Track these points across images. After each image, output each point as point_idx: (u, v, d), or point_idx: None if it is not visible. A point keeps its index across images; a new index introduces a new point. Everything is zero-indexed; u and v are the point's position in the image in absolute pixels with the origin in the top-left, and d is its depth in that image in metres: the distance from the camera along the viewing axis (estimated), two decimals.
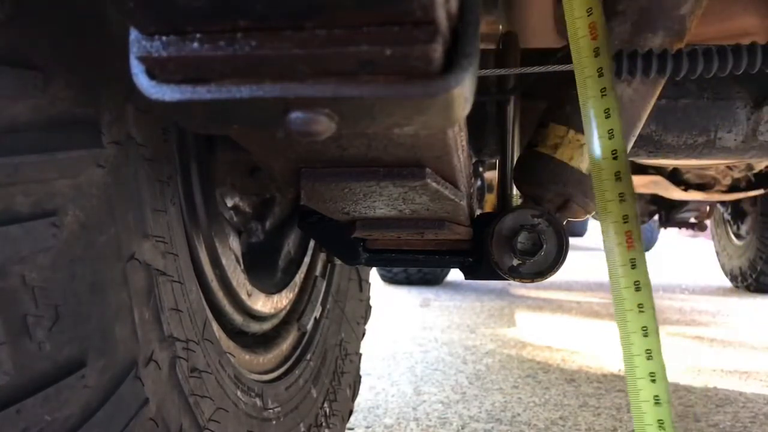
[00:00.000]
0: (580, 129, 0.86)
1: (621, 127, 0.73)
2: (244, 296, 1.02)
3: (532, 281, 0.86)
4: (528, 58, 1.06)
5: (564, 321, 3.62)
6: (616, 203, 0.72)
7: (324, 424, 1.21)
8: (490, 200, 2.80)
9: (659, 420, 0.69)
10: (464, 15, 0.37)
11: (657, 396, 0.70)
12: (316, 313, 1.31)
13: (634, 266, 0.72)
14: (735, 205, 4.58)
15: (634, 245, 0.72)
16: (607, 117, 0.73)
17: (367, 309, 1.60)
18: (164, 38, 0.36)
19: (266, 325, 1.14)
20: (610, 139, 0.72)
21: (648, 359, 0.70)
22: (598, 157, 0.73)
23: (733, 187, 2.99)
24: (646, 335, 0.70)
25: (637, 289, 0.72)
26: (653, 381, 0.70)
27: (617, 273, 0.73)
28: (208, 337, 0.80)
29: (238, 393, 0.87)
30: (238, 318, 1.00)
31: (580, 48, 0.75)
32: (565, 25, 0.76)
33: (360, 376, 1.51)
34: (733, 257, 4.88)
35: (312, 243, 1.34)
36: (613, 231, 0.73)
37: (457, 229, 0.86)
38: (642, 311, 0.71)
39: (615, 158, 0.72)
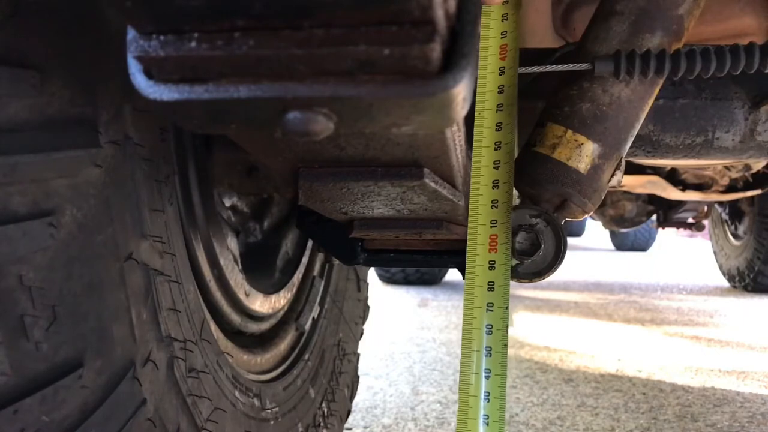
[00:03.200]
0: (578, 129, 0.86)
1: (511, 141, 0.77)
2: (242, 296, 1.02)
3: (530, 281, 0.86)
4: (526, 57, 1.06)
5: (562, 321, 3.62)
6: (488, 208, 0.77)
7: (322, 424, 1.21)
8: None
9: (485, 415, 0.72)
10: (462, 15, 0.37)
11: (488, 393, 0.73)
12: (314, 313, 1.31)
13: (492, 268, 0.75)
14: (733, 205, 4.58)
15: (497, 249, 0.75)
16: (498, 130, 0.77)
17: (365, 309, 1.60)
18: (162, 38, 0.35)
19: (264, 325, 1.14)
20: (496, 150, 0.77)
21: (487, 356, 0.74)
22: (480, 164, 0.77)
23: (731, 188, 3.00)
24: (489, 333, 0.74)
25: (490, 289, 0.75)
26: (487, 378, 0.73)
27: (474, 271, 0.76)
28: (206, 337, 0.80)
29: (236, 393, 0.87)
30: (236, 318, 1.00)
31: (488, 63, 0.79)
32: (564, 25, 0.77)
33: (358, 376, 1.51)
34: (730, 257, 4.89)
35: (310, 243, 1.34)
36: (479, 232, 0.77)
37: (456, 229, 0.86)
38: (490, 310, 0.74)
39: (496, 168, 0.77)
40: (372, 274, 4.93)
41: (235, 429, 0.84)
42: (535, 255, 0.85)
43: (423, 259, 1.00)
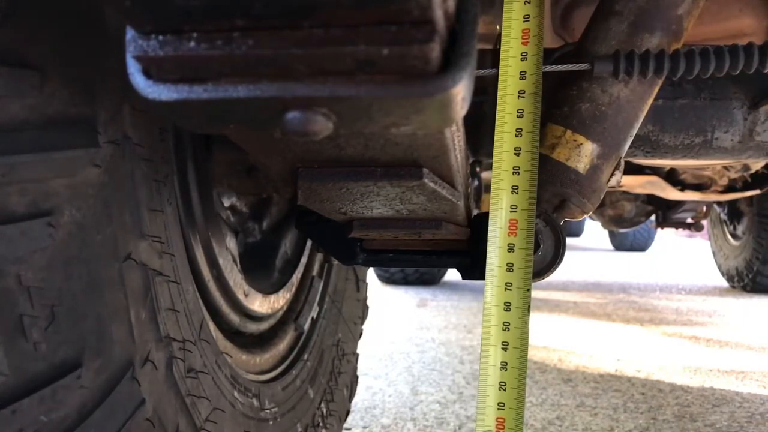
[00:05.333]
0: (577, 129, 0.86)
1: (534, 130, 0.78)
2: (240, 296, 1.02)
3: None
4: None
5: (561, 321, 3.62)
6: (508, 193, 0.78)
7: (321, 424, 1.21)
8: (487, 200, 2.80)
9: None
10: (461, 15, 0.37)
11: (504, 370, 0.76)
12: (313, 314, 1.31)
13: (511, 250, 0.78)
14: (731, 205, 4.59)
15: (517, 233, 0.78)
16: (519, 117, 0.78)
17: (365, 309, 1.60)
18: (161, 37, 0.35)
19: (263, 326, 1.14)
20: (516, 136, 0.78)
21: (504, 330, 0.77)
22: (501, 150, 0.79)
23: (730, 188, 3.00)
24: (507, 310, 0.77)
25: (509, 269, 0.77)
26: (504, 349, 0.76)
27: (494, 252, 0.78)
28: (205, 338, 0.80)
29: (235, 393, 0.87)
30: (234, 318, 1.00)
31: (510, 47, 0.79)
32: (563, 25, 0.77)
33: (357, 377, 1.50)
34: (729, 257, 4.89)
35: (309, 243, 1.34)
36: (500, 216, 0.79)
37: (455, 229, 0.86)
38: (509, 289, 0.77)
39: (517, 154, 0.78)
40: (371, 274, 4.93)
41: (234, 429, 0.84)
42: (535, 255, 0.85)
43: (422, 260, 1.00)
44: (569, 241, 10.25)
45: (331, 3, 0.32)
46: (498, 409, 0.74)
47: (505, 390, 0.74)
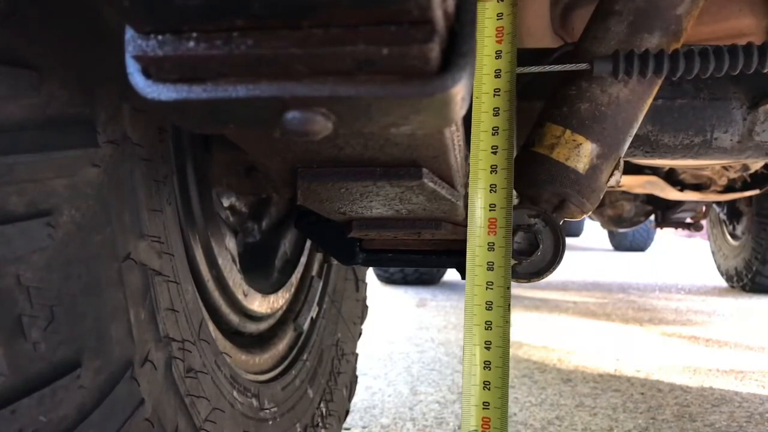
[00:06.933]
0: (576, 129, 0.86)
1: (509, 128, 0.78)
2: (240, 296, 1.02)
3: (529, 281, 0.86)
4: (524, 57, 1.06)
5: (560, 321, 3.62)
6: (486, 192, 0.78)
7: (320, 424, 1.21)
8: None
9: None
10: (461, 15, 0.37)
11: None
12: (313, 313, 1.30)
13: (491, 249, 0.78)
14: (731, 205, 4.59)
15: (496, 231, 0.78)
16: (495, 115, 0.78)
17: (364, 309, 1.60)
18: (160, 37, 0.35)
19: (262, 325, 1.14)
20: (493, 135, 0.78)
21: (487, 329, 0.77)
22: (478, 149, 0.79)
23: (729, 188, 3.00)
24: (489, 309, 0.77)
25: (490, 268, 0.78)
26: (487, 348, 0.76)
27: (474, 252, 0.78)
28: (204, 338, 0.80)
29: (235, 393, 0.87)
30: (234, 318, 1.00)
31: (484, 46, 0.79)
32: (562, 25, 0.77)
33: (356, 376, 1.50)
34: (728, 257, 4.89)
35: (308, 243, 1.34)
36: (478, 215, 0.79)
37: (454, 229, 0.86)
38: (490, 288, 0.77)
39: (494, 153, 0.78)
40: (370, 274, 4.93)
41: (233, 429, 0.84)
42: (534, 255, 0.85)
43: (421, 259, 1.00)
44: (569, 240, 10.24)
45: (330, 3, 0.32)
46: (483, 408, 0.74)
47: (489, 389, 0.74)
